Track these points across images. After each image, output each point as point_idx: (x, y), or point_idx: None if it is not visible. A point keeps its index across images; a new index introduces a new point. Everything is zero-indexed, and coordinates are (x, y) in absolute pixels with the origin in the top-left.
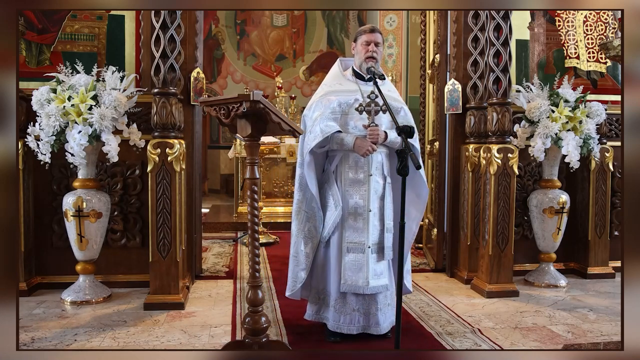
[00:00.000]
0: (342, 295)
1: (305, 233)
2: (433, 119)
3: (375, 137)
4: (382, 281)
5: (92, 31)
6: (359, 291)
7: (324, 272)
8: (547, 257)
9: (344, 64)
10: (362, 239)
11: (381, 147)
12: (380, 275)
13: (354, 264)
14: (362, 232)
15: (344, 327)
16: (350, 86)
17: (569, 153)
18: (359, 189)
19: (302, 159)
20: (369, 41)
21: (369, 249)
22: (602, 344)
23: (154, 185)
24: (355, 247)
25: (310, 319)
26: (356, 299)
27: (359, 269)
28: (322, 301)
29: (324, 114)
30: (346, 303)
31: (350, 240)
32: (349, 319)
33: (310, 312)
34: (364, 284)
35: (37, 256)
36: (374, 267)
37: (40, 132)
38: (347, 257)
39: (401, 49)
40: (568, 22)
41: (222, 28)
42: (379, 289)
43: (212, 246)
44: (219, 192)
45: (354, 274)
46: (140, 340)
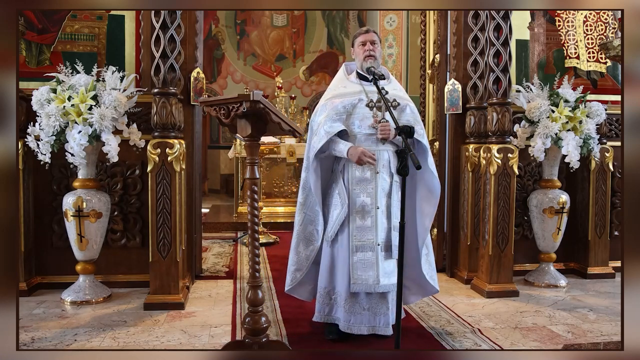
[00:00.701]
0: (352, 295)
1: (306, 235)
2: (433, 119)
3: (387, 132)
4: (393, 279)
5: (92, 31)
6: (370, 290)
7: (332, 272)
8: (547, 257)
9: (348, 68)
10: (371, 237)
11: (388, 145)
12: (390, 274)
13: (363, 262)
14: (370, 230)
15: (354, 327)
16: (355, 88)
17: (569, 153)
18: (366, 187)
19: (307, 162)
20: (365, 41)
21: (379, 246)
22: (602, 344)
23: (154, 185)
24: (364, 246)
25: (320, 320)
26: (366, 298)
27: (369, 267)
28: (333, 302)
29: (328, 115)
30: (356, 303)
31: (358, 238)
32: (359, 319)
33: (321, 313)
34: (375, 282)
35: (37, 256)
36: (383, 265)
37: (40, 132)
38: (356, 256)
39: (401, 49)
40: (568, 22)
41: (222, 28)
42: (389, 287)
43: (212, 246)
44: (219, 192)
45: (364, 273)
46: (140, 340)
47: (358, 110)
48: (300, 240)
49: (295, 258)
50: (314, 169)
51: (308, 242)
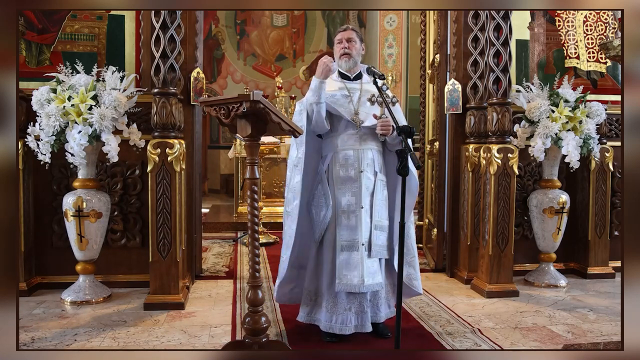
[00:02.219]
0: (334, 295)
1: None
2: (433, 119)
3: (388, 129)
4: (378, 279)
5: (92, 31)
6: (354, 290)
7: (317, 273)
8: (547, 257)
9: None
10: (355, 236)
11: (372, 144)
12: (374, 274)
13: (348, 262)
14: (355, 230)
15: (336, 327)
16: (336, 85)
17: (569, 153)
18: (351, 187)
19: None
20: (341, 39)
21: (363, 246)
22: (602, 344)
23: (154, 185)
24: (349, 245)
25: (302, 320)
26: (347, 298)
27: (353, 267)
28: (314, 302)
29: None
30: (338, 303)
31: (344, 238)
32: (341, 318)
33: (303, 314)
34: (359, 282)
35: (37, 256)
36: (367, 265)
37: (40, 132)
38: (342, 256)
39: (401, 49)
40: (568, 22)
41: (222, 28)
42: (374, 287)
43: (212, 246)
44: (219, 192)
45: (349, 273)
46: (140, 340)
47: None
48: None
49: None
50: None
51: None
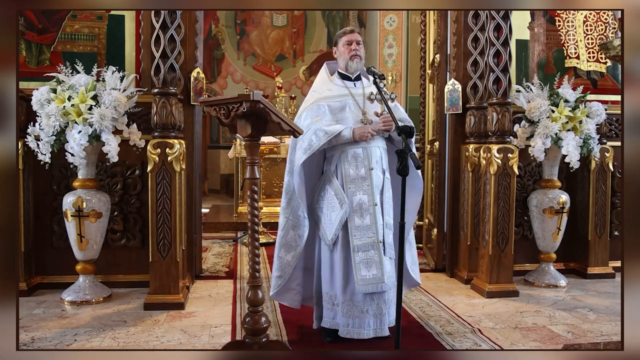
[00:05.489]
0: (349, 298)
1: (288, 241)
2: (433, 119)
3: (390, 125)
4: (392, 279)
5: (92, 31)
6: (376, 290)
7: (333, 277)
8: (547, 257)
9: (330, 67)
10: (372, 234)
11: (380, 142)
12: (389, 273)
13: (366, 261)
14: (370, 228)
15: (353, 331)
16: (341, 91)
17: (569, 153)
18: (362, 185)
19: (290, 166)
20: (350, 40)
21: (380, 244)
22: (602, 344)
23: (154, 185)
24: (366, 245)
25: (327, 326)
26: (364, 300)
27: (373, 266)
28: (336, 307)
29: (320, 118)
30: (354, 305)
31: (359, 237)
32: (358, 322)
33: (327, 319)
34: (380, 281)
35: (37, 256)
36: (385, 263)
37: (40, 132)
38: (358, 256)
39: (401, 49)
40: (568, 22)
41: (222, 28)
42: (391, 286)
43: (212, 246)
44: (219, 192)
45: (368, 273)
46: (140, 340)
47: (347, 115)
48: (281, 246)
49: (277, 263)
50: (299, 173)
51: (289, 248)
